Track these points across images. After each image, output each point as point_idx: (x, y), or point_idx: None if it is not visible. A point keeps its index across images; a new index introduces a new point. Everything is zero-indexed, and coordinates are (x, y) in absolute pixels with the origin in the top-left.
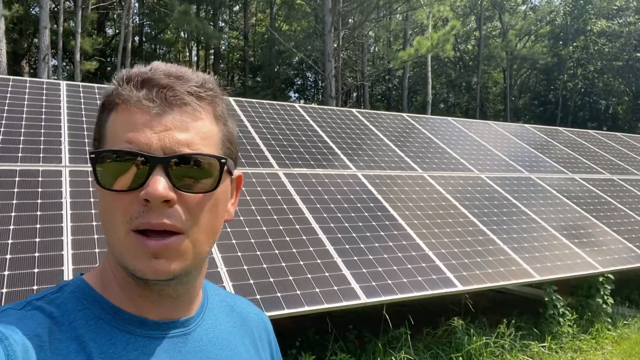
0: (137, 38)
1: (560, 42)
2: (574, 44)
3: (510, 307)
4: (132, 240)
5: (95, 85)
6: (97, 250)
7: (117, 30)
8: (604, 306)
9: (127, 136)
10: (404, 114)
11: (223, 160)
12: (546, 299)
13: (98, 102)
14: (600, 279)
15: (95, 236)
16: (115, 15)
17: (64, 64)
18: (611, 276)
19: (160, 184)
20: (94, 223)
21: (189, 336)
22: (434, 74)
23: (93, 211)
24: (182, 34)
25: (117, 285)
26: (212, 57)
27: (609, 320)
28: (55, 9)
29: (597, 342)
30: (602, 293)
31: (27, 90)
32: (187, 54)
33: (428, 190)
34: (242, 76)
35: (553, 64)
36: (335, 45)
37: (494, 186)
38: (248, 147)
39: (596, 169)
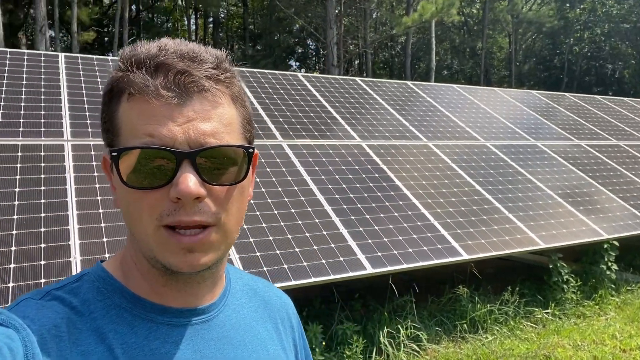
0: (134, 7)
1: (567, 5)
2: (582, 6)
3: (515, 274)
4: (163, 235)
5: (94, 57)
6: (102, 225)
7: (113, 0)
8: (608, 272)
9: (147, 130)
10: (407, 82)
11: (251, 150)
12: (550, 266)
13: (98, 74)
14: (605, 246)
15: (101, 210)
16: None
17: (61, 35)
18: (616, 243)
19: (190, 181)
20: (99, 198)
21: (211, 322)
22: (437, 40)
23: (97, 185)
24: (179, 1)
25: (139, 275)
26: (211, 25)
27: (613, 286)
28: None
29: (601, 308)
30: (606, 259)
31: (25, 63)
32: (186, 22)
33: (433, 159)
34: (241, 45)
35: (559, 27)
36: (337, 12)
37: (499, 154)
38: None
39: (602, 135)
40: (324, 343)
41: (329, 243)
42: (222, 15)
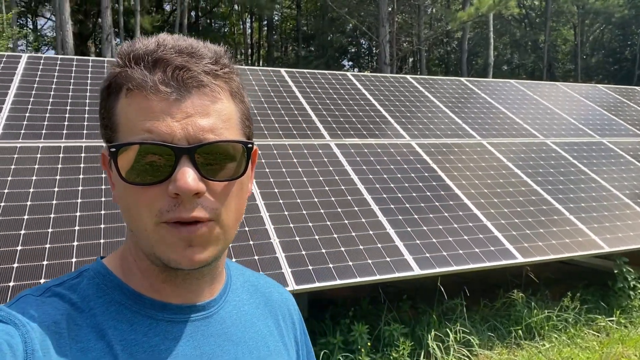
0: (193, 13)
1: None
2: None
3: (577, 279)
4: (162, 231)
5: None
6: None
7: (174, 7)
8: None
9: (145, 125)
10: (461, 78)
11: (250, 145)
12: (616, 272)
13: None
14: None
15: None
16: None
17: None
18: None
19: (189, 177)
20: None
21: (211, 319)
22: (496, 34)
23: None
24: (236, 6)
25: (138, 272)
26: (266, 28)
27: None
28: None
29: None
30: None
31: (89, 70)
32: (241, 26)
33: (487, 158)
34: (295, 46)
35: (630, 17)
36: (390, 9)
37: (560, 152)
38: (300, 119)
39: None
40: (369, 343)
41: (375, 243)
42: (276, 18)
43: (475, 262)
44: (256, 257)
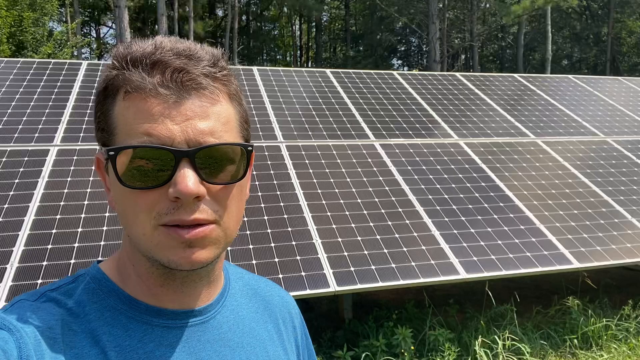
0: (244, 17)
1: None
2: None
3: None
4: (162, 234)
5: None
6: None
7: (225, 12)
8: None
9: (144, 128)
10: (515, 75)
11: (250, 148)
12: None
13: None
14: None
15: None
16: None
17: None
18: None
19: (189, 180)
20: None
21: (208, 324)
22: (554, 28)
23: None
24: (285, 9)
25: (135, 276)
26: (314, 29)
27: None
28: None
29: None
30: None
31: None
32: (291, 28)
33: (542, 157)
34: (343, 46)
35: None
36: (441, 5)
37: (622, 151)
38: (344, 119)
39: None
40: (413, 347)
41: (419, 245)
42: (325, 19)
43: (526, 267)
44: (298, 258)
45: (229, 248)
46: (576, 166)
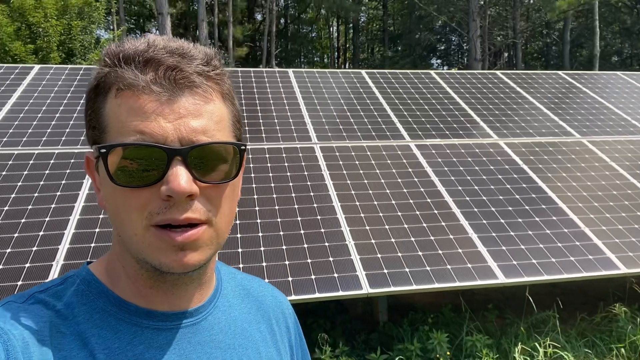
0: (282, 21)
1: None
2: None
3: None
4: (153, 235)
5: (252, 69)
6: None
7: (264, 16)
8: None
9: (137, 126)
10: (560, 72)
11: (242, 148)
12: None
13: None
14: None
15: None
16: (263, 1)
17: (222, 52)
18: None
19: (182, 179)
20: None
21: (198, 325)
22: (603, 23)
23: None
24: (322, 11)
25: (125, 278)
26: (352, 30)
27: None
28: (212, 2)
29: None
30: None
31: None
32: (328, 30)
33: (587, 158)
34: (381, 47)
35: None
36: (482, 2)
37: None
38: (379, 120)
39: None
40: (449, 353)
41: (456, 248)
42: (362, 20)
43: (569, 272)
44: (331, 259)
45: (261, 249)
46: (624, 167)
